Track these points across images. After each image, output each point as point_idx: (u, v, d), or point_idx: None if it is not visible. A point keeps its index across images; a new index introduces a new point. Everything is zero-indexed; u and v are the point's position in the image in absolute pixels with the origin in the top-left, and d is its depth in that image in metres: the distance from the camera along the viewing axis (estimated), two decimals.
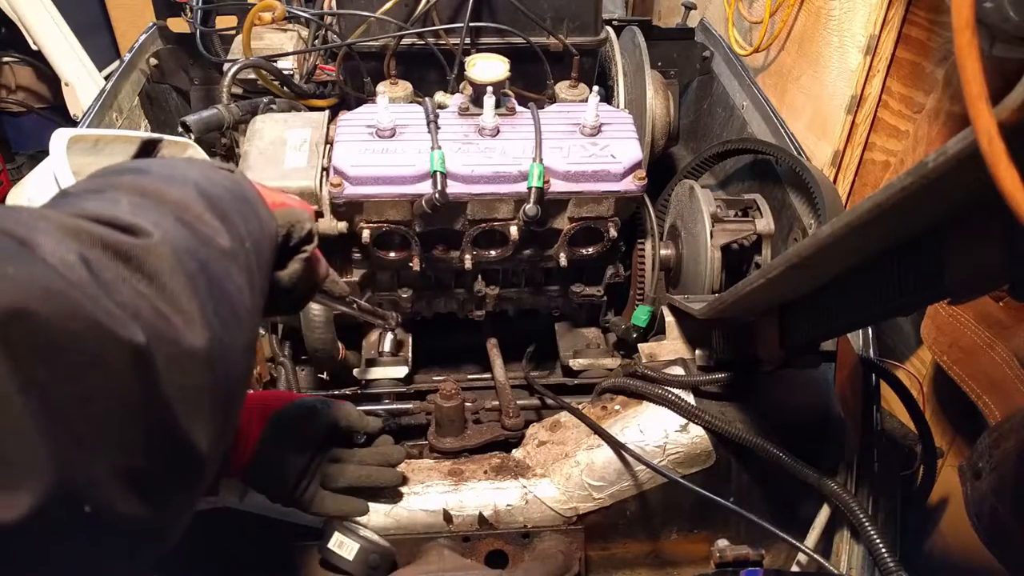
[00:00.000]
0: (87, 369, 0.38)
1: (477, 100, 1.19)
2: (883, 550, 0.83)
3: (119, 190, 0.51)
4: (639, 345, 1.14)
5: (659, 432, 1.01)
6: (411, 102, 1.32)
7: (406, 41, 1.36)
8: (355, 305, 1.09)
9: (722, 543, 1.01)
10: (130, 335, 0.40)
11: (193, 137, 1.31)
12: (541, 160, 1.11)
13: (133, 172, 0.55)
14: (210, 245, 0.51)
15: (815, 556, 0.90)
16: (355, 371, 1.29)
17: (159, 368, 0.41)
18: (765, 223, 1.25)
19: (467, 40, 1.34)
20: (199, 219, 0.52)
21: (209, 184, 0.57)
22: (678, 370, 1.06)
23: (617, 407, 1.06)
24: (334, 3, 1.45)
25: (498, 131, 1.16)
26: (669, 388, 1.01)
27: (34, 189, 1.23)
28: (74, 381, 0.37)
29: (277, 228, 0.67)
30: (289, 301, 0.75)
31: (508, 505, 0.98)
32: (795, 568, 0.96)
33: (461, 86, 1.34)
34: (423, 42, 1.36)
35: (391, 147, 1.13)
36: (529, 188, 1.10)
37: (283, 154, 1.16)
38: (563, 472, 1.00)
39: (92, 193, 0.50)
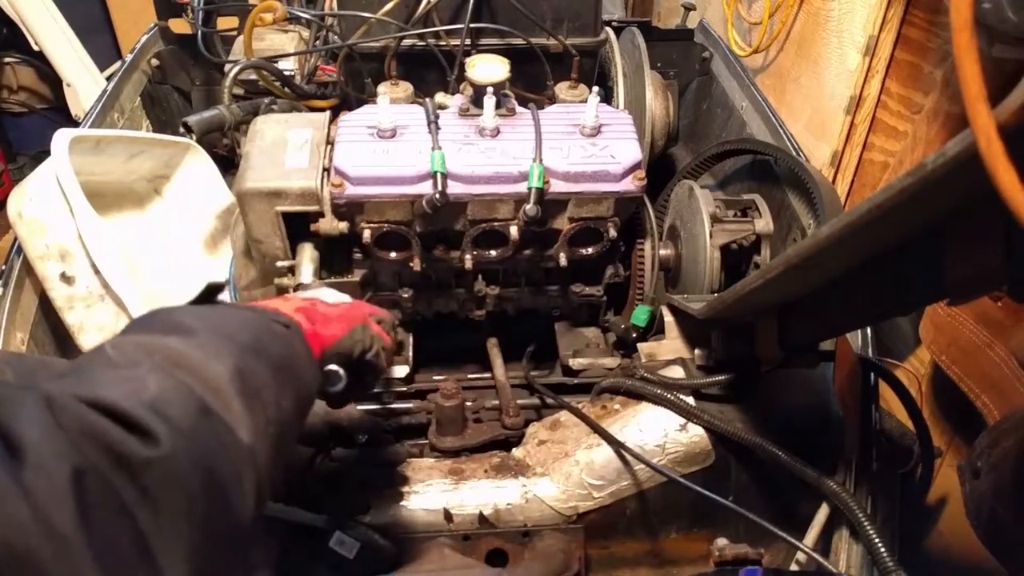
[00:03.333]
0: None
1: (477, 101, 1.19)
2: (882, 549, 0.84)
3: (153, 359, 0.50)
4: (639, 345, 1.15)
5: (658, 431, 1.01)
6: (412, 103, 1.32)
7: (407, 42, 1.36)
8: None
9: (721, 542, 1.01)
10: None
11: (195, 138, 1.32)
12: (541, 160, 1.11)
13: (183, 334, 0.54)
14: (226, 444, 0.50)
15: (814, 555, 0.91)
16: None
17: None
18: (764, 223, 1.26)
19: (467, 41, 1.34)
20: (226, 408, 0.51)
21: (253, 355, 0.56)
22: (678, 370, 1.07)
23: (616, 406, 1.06)
24: (335, 4, 1.45)
25: (498, 132, 1.16)
26: (668, 388, 1.02)
27: (36, 190, 1.23)
28: None
29: (318, 377, 0.69)
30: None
31: (508, 504, 0.99)
32: (794, 567, 0.97)
33: (461, 87, 1.35)
34: (424, 43, 1.37)
35: (392, 148, 1.13)
36: (529, 188, 1.11)
37: (284, 154, 1.16)
38: (563, 471, 1.01)
39: (127, 364, 0.49)
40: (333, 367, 0.72)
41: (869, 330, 1.14)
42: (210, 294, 0.63)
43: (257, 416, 0.53)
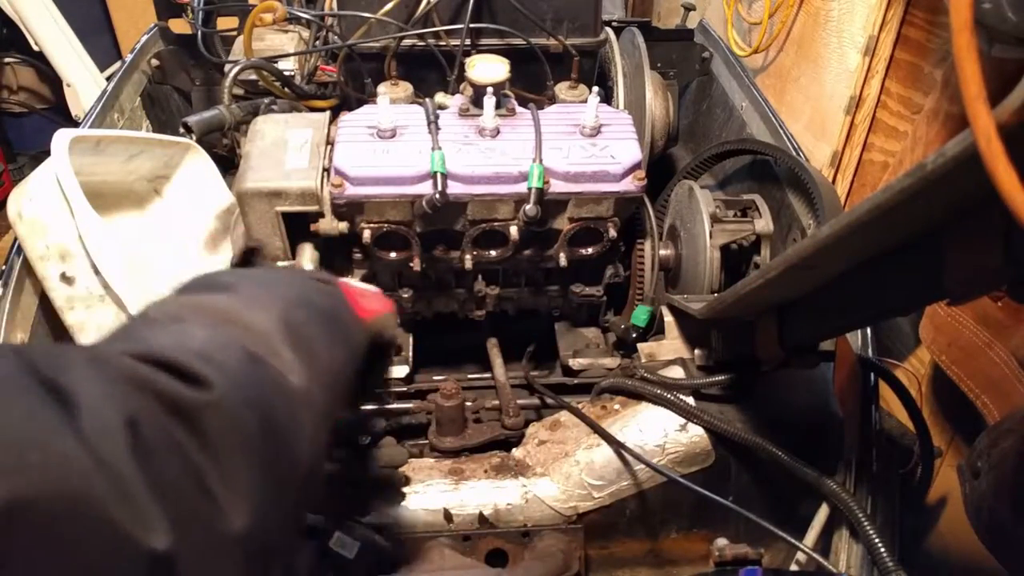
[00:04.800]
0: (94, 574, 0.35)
1: (477, 101, 1.19)
2: (882, 549, 0.84)
3: (201, 315, 0.50)
4: (639, 345, 1.15)
5: (658, 431, 1.01)
6: (412, 103, 1.32)
7: (407, 42, 1.37)
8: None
9: (721, 542, 1.01)
10: (152, 543, 0.36)
11: (195, 138, 1.32)
12: (541, 161, 1.11)
13: (223, 290, 0.54)
14: (280, 387, 0.50)
15: (814, 555, 0.91)
16: None
17: (181, 569, 0.38)
18: (764, 223, 1.26)
19: (467, 41, 1.35)
20: (275, 354, 0.51)
21: (299, 306, 0.56)
22: (677, 370, 1.07)
23: (616, 406, 1.06)
24: (335, 4, 1.45)
25: (498, 132, 1.16)
26: (668, 388, 1.02)
27: (36, 190, 1.23)
28: None
29: (366, 336, 0.68)
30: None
31: (508, 504, 0.99)
32: (794, 567, 0.97)
33: (461, 87, 1.35)
34: (424, 43, 1.37)
35: (392, 148, 1.13)
36: (529, 188, 1.11)
37: (284, 155, 1.16)
38: (563, 471, 1.01)
39: (171, 321, 0.49)
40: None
41: (869, 330, 1.14)
42: (247, 257, 0.63)
43: (308, 363, 0.53)
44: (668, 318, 1.15)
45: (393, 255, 1.19)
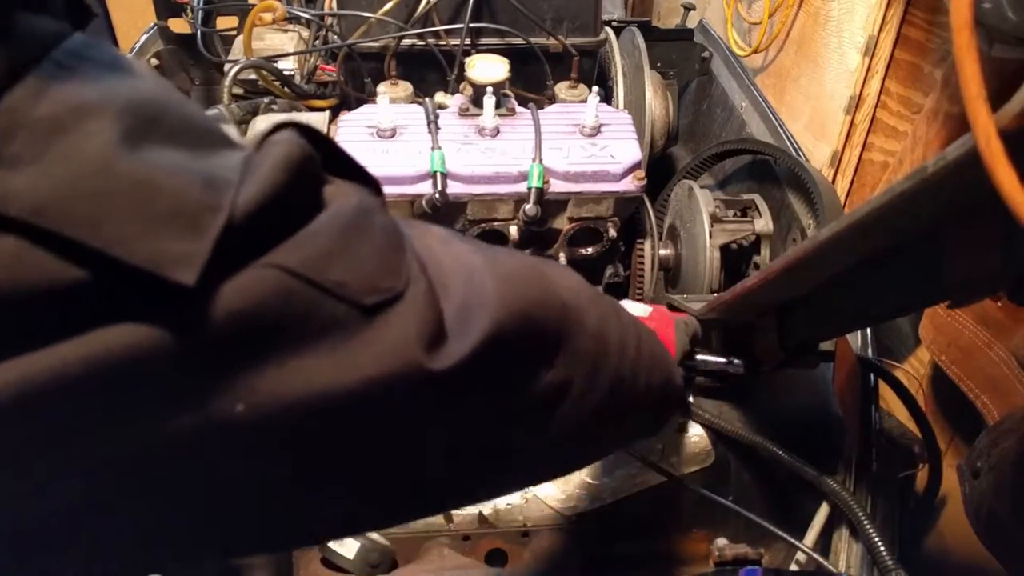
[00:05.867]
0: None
1: (477, 101, 1.19)
2: (882, 549, 0.84)
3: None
4: None
5: None
6: (411, 103, 1.32)
7: (406, 42, 1.36)
8: None
9: (721, 542, 1.01)
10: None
11: None
12: (541, 160, 1.11)
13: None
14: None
15: (814, 555, 0.91)
16: None
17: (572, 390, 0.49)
18: (764, 223, 1.26)
19: (467, 41, 1.34)
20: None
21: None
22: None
23: None
24: (335, 4, 1.45)
25: (498, 131, 1.16)
26: None
27: None
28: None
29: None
30: None
31: (508, 504, 0.99)
32: (794, 567, 0.97)
33: (461, 87, 1.35)
34: (423, 43, 1.37)
35: (391, 147, 1.13)
36: (529, 188, 1.11)
37: None
38: None
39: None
40: None
41: (869, 330, 1.14)
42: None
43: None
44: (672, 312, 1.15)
45: None
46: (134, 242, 0.28)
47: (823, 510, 0.96)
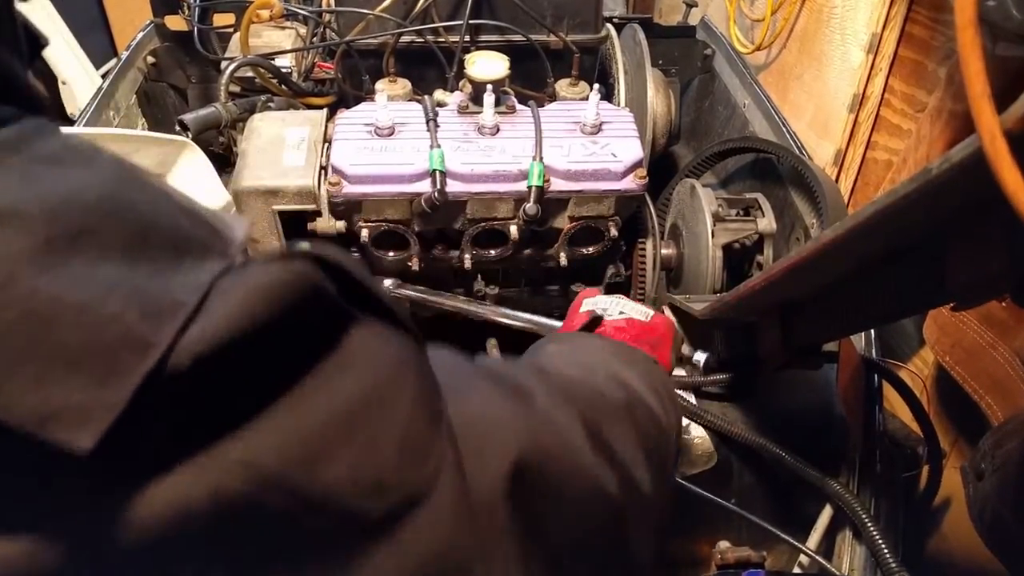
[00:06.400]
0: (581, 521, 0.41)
1: (477, 98, 1.18)
2: (885, 551, 0.83)
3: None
4: None
5: None
6: (410, 100, 1.31)
7: (405, 39, 1.35)
8: None
9: (723, 545, 1.00)
10: (608, 490, 0.43)
11: (191, 136, 1.31)
12: (541, 159, 1.10)
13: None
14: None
15: (817, 557, 0.90)
16: None
17: (628, 519, 0.46)
18: (767, 222, 1.25)
19: (466, 38, 1.33)
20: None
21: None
22: (679, 370, 1.06)
23: None
24: (332, 0, 1.44)
25: (498, 129, 1.15)
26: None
27: None
28: (571, 530, 0.40)
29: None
30: None
31: None
32: (797, 570, 0.96)
33: (460, 84, 1.34)
34: (422, 40, 1.36)
35: (390, 145, 1.12)
36: (529, 187, 1.10)
37: (281, 153, 1.15)
38: None
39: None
40: None
41: (873, 331, 1.13)
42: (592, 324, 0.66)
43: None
44: (670, 318, 1.14)
45: (391, 255, 1.18)
46: (19, 391, 0.21)
47: (826, 512, 0.95)
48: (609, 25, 1.49)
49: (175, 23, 1.75)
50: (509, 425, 0.36)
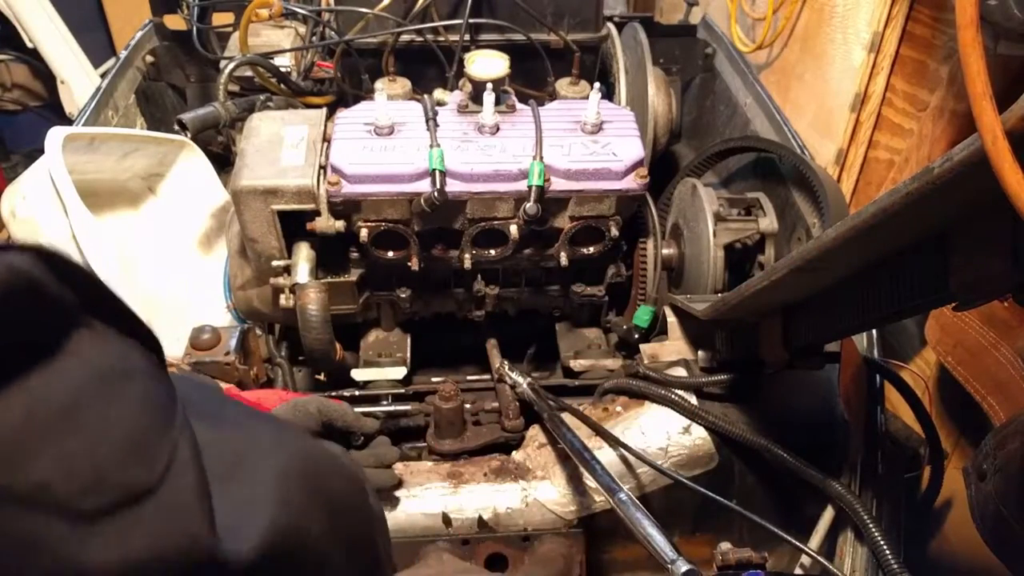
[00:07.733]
0: None
1: (476, 97, 1.17)
2: (887, 552, 0.82)
3: None
4: (641, 346, 1.13)
5: (661, 434, 0.99)
6: (410, 99, 1.30)
7: (405, 38, 1.35)
8: None
9: (725, 546, 0.99)
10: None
11: (190, 135, 1.30)
12: (541, 158, 1.10)
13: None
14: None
15: (818, 558, 0.89)
16: (353, 372, 1.27)
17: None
18: (768, 222, 1.24)
19: (466, 37, 1.33)
20: None
21: None
22: (680, 371, 1.05)
23: (619, 408, 1.05)
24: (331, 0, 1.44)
25: (498, 129, 1.14)
26: (672, 389, 1.00)
27: (29, 188, 1.22)
28: None
29: None
30: None
31: (508, 508, 0.97)
32: (798, 570, 0.96)
33: (460, 83, 1.33)
34: (422, 39, 1.35)
35: (389, 145, 1.12)
36: (529, 186, 1.09)
37: (280, 152, 1.14)
38: (564, 474, 0.99)
39: None
40: None
41: (874, 331, 1.13)
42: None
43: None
44: (671, 319, 1.13)
45: (391, 254, 1.17)
46: None
47: (828, 513, 0.95)
48: (610, 24, 1.49)
49: (174, 22, 1.74)
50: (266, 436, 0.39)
